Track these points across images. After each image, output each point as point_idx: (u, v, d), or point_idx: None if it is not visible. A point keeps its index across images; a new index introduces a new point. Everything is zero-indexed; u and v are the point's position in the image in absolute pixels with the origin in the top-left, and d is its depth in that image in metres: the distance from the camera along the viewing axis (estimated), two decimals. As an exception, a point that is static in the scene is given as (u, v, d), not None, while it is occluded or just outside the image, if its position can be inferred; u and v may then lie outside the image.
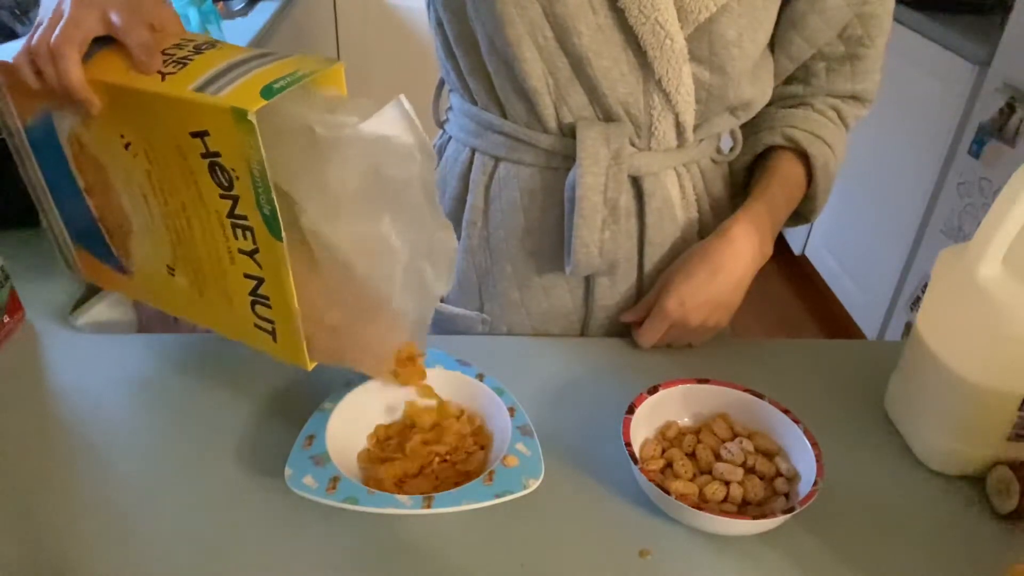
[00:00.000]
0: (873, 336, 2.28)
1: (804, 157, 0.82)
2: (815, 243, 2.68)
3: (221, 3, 1.79)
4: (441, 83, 0.86)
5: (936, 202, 2.03)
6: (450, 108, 0.85)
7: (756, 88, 0.77)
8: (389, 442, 0.65)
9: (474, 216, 0.82)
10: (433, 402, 0.66)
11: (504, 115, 0.78)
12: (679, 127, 0.76)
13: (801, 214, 0.88)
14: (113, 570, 0.56)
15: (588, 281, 0.82)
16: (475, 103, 0.80)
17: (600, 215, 0.74)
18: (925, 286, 0.87)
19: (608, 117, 0.74)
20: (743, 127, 0.84)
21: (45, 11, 0.59)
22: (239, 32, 1.65)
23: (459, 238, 0.84)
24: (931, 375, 0.66)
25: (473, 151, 0.81)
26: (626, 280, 0.82)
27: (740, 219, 0.78)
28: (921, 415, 0.68)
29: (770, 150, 0.84)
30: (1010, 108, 1.77)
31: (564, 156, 0.76)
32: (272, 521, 0.60)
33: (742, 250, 0.77)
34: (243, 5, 1.83)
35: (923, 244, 2.08)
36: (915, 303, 2.09)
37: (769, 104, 0.83)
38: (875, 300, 2.28)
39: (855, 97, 0.84)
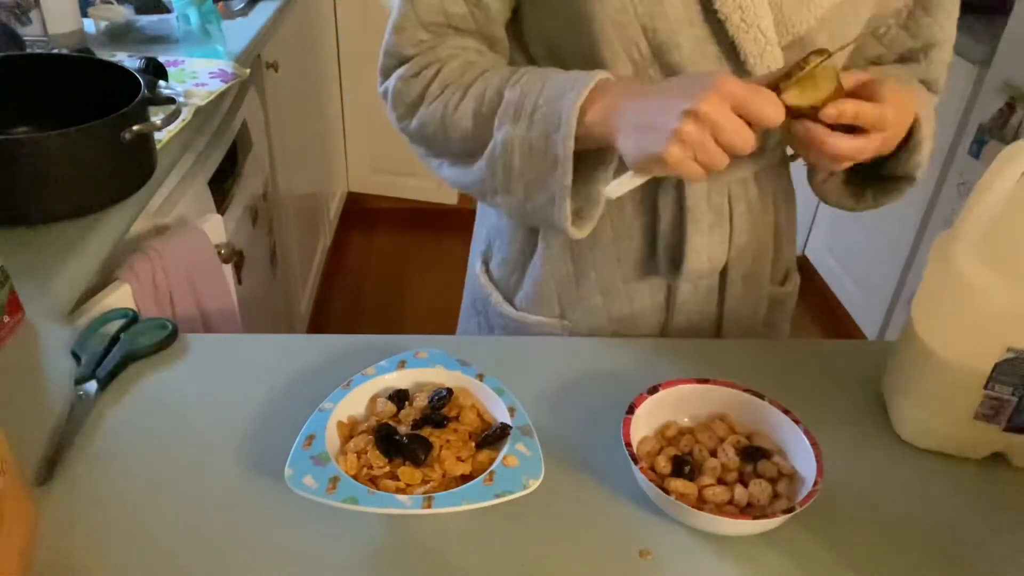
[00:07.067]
0: (873, 336, 2.28)
1: None
2: (815, 243, 2.68)
3: (221, 3, 1.79)
4: None
5: (936, 202, 2.03)
6: None
7: None
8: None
9: None
10: None
11: None
12: (765, 133, 0.76)
13: (899, 175, 0.77)
14: (113, 570, 0.56)
15: (670, 285, 0.83)
16: None
17: (707, 220, 0.77)
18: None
19: None
20: None
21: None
22: (239, 32, 1.65)
23: (536, 248, 0.84)
24: (912, 351, 0.68)
25: None
26: (708, 283, 0.83)
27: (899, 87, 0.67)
28: (900, 388, 0.70)
29: None
30: (1010, 108, 1.77)
31: None
32: (272, 521, 0.60)
33: (910, 102, 0.70)
34: (243, 5, 1.83)
35: (923, 244, 2.08)
36: (915, 303, 2.08)
37: None
38: (875, 300, 2.28)
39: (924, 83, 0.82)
